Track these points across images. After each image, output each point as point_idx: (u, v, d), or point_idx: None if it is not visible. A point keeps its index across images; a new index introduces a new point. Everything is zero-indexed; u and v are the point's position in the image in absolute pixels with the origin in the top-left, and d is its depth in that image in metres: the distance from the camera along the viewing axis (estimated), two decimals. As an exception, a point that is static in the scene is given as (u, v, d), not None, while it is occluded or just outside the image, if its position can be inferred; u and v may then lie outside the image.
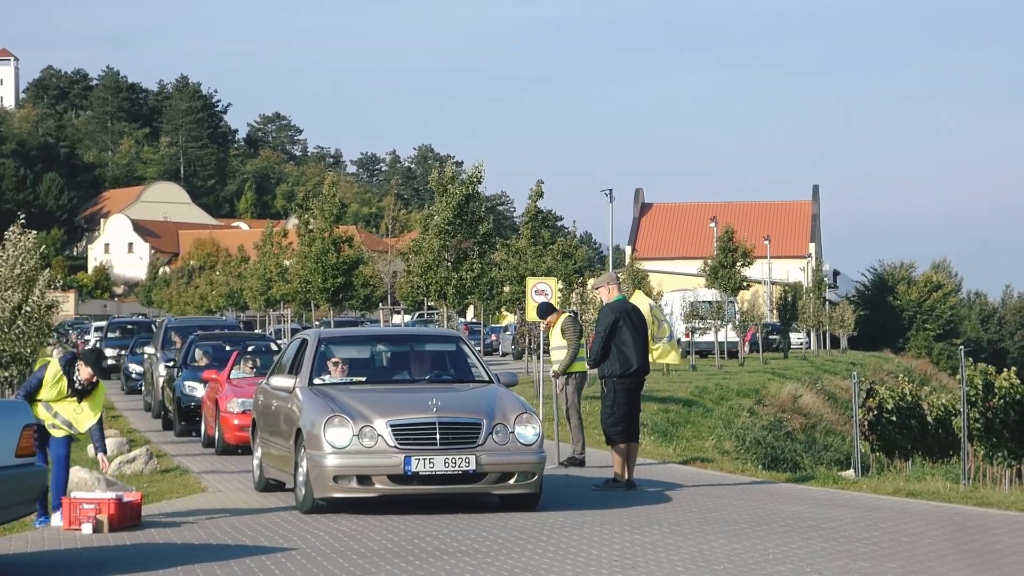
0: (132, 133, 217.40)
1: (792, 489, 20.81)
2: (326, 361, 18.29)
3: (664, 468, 23.56)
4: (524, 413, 16.77)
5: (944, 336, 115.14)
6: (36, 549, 14.75)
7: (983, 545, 14.00)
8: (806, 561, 12.83)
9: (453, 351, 19.04)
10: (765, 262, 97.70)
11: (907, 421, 34.80)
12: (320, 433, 16.13)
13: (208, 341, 35.22)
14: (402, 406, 16.63)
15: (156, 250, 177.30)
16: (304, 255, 66.82)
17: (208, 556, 13.68)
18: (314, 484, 16.23)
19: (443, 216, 46.84)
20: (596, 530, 15.21)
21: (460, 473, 16.06)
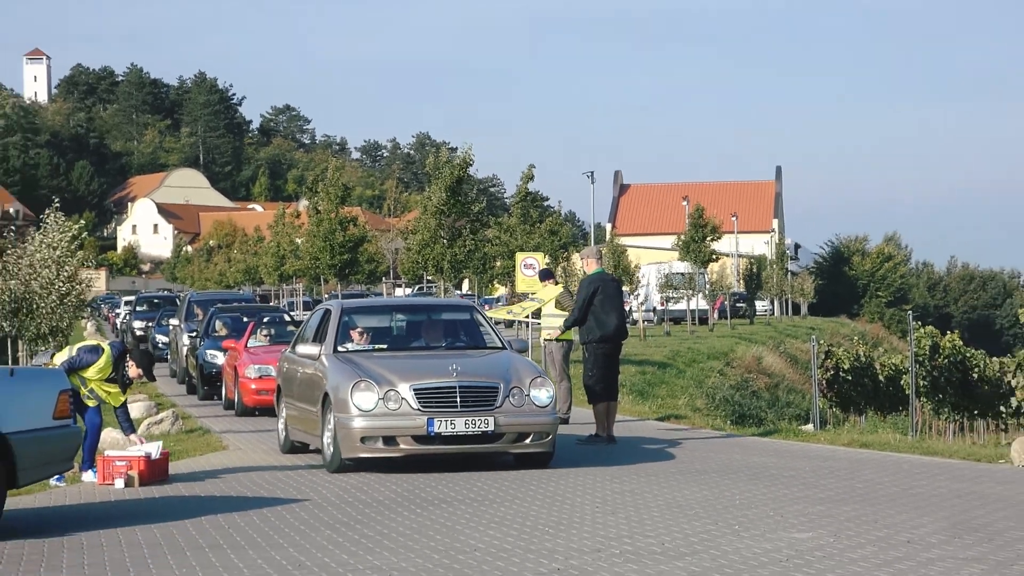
0: (155, 124, 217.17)
1: (757, 442, 20.88)
2: (349, 330, 17.89)
3: (642, 424, 23.64)
4: (538, 377, 16.45)
5: (895, 303, 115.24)
6: (73, 502, 14.81)
7: (928, 490, 14.07)
8: (769, 506, 12.90)
9: (467, 320, 18.67)
10: (732, 237, 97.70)
11: (861, 380, 34.90)
12: (347, 397, 15.80)
13: (227, 313, 35.26)
14: (424, 371, 16.22)
15: (179, 231, 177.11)
16: (313, 234, 66.82)
17: (229, 507, 13.74)
18: (342, 445, 15.88)
19: (437, 197, 46.87)
20: (580, 480, 15.27)
21: (480, 433, 15.76)
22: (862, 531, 11.26)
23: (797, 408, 40.69)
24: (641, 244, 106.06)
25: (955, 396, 30.27)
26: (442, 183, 46.91)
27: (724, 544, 10.72)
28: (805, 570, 9.49)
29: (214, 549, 11.15)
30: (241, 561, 10.52)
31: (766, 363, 58.79)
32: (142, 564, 10.53)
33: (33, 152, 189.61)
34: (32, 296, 26.32)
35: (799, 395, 47.71)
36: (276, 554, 10.80)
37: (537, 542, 11.05)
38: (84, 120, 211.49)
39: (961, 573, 9.27)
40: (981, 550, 10.23)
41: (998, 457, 17.18)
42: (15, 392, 12.53)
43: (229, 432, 22.70)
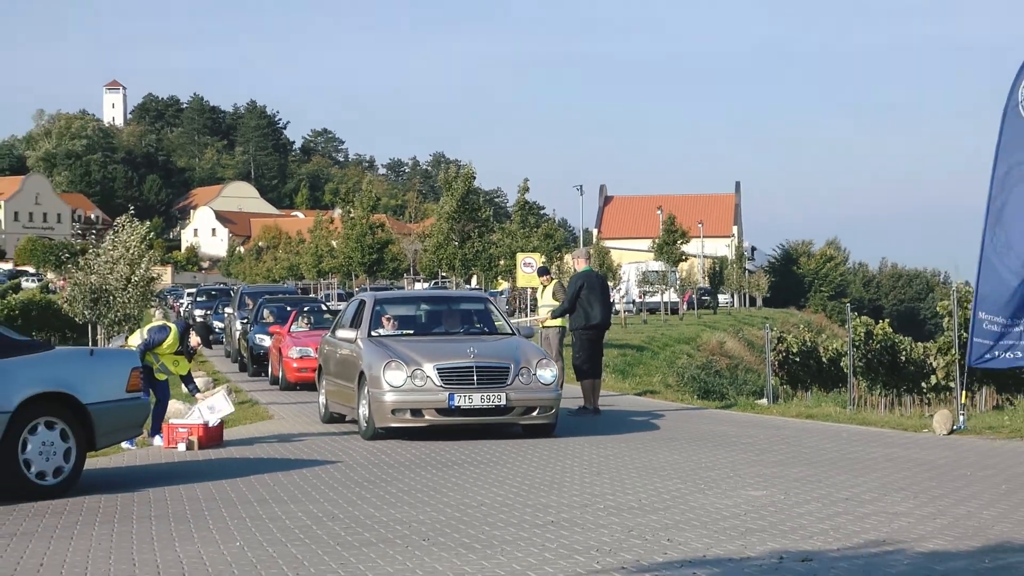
0: (213, 144, 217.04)
1: (719, 414, 20.84)
2: (380, 318, 17.75)
3: (622, 398, 23.60)
4: (544, 359, 16.34)
5: (835, 296, 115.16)
6: (142, 463, 14.78)
7: (863, 455, 14.02)
8: (729, 468, 12.85)
9: (482, 309, 18.52)
10: (699, 241, 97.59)
11: (807, 361, 34.83)
12: (380, 374, 15.76)
13: (273, 303, 35.20)
14: (445, 353, 16.14)
15: (233, 234, 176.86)
16: (347, 237, 66.84)
17: (274, 468, 13.70)
18: (375, 416, 15.86)
19: (449, 206, 46.88)
20: (570, 445, 15.23)
21: (493, 407, 15.70)
22: (808, 489, 11.21)
23: (753, 385, 40.64)
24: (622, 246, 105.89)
25: (886, 375, 30.22)
26: (453, 194, 46.91)
27: (691, 500, 10.67)
28: (759, 522, 9.44)
29: (260, 503, 11.11)
30: (283, 512, 10.47)
31: (727, 347, 58.73)
32: (199, 515, 10.48)
33: (111, 168, 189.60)
34: (109, 288, 26.28)
35: (755, 374, 47.67)
36: (313, 507, 10.75)
37: (534, 498, 11.00)
38: (154, 141, 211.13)
39: (891, 525, 9.22)
40: (908, 506, 10.18)
41: (922, 427, 17.12)
42: (94, 369, 12.56)
43: (273, 404, 22.65)
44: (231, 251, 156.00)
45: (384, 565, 8.08)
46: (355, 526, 9.69)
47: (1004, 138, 16.39)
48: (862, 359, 29.07)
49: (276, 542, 9.07)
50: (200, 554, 8.69)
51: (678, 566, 7.80)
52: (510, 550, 8.52)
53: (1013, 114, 16.43)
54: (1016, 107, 16.41)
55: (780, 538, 8.75)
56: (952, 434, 16.13)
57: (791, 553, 8.14)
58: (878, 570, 7.55)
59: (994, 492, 10.91)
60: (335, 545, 8.87)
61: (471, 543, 8.82)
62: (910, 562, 7.79)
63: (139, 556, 8.67)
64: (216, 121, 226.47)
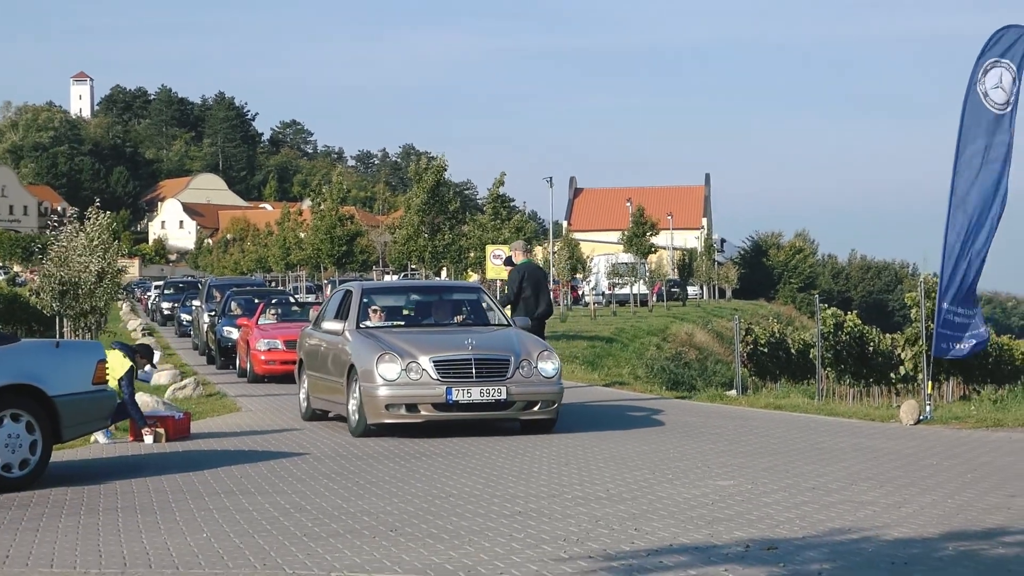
0: (181, 136, 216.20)
1: (688, 404, 20.90)
2: (367, 309, 16.89)
3: (591, 389, 23.63)
4: (545, 351, 15.63)
5: (804, 288, 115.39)
6: (109, 455, 14.74)
7: (831, 445, 14.11)
8: (698, 458, 12.90)
9: (475, 300, 17.70)
10: (668, 233, 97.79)
11: (776, 352, 35.00)
12: (372, 368, 14.97)
13: (241, 296, 35.18)
14: (441, 345, 15.34)
15: (201, 226, 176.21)
16: (317, 228, 66.77)
17: (241, 459, 13.69)
18: (367, 412, 15.06)
19: (420, 198, 46.86)
20: (537, 436, 15.23)
21: (493, 402, 14.97)
22: (775, 479, 11.27)
23: (722, 376, 40.74)
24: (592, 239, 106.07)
25: (854, 366, 30.40)
26: (424, 186, 46.89)
27: (659, 490, 10.71)
28: (727, 512, 9.49)
29: (227, 495, 11.10)
30: (250, 504, 10.47)
31: (696, 339, 58.87)
32: (166, 507, 10.47)
33: (78, 160, 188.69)
34: (77, 281, 26.18)
35: (724, 365, 47.79)
36: (280, 499, 10.75)
37: (502, 488, 11.02)
38: (121, 132, 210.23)
39: (857, 514, 9.28)
40: (874, 495, 10.25)
41: (889, 417, 17.23)
42: (60, 361, 12.50)
43: (242, 396, 22.61)
44: (199, 243, 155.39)
45: (351, 556, 8.09)
46: (323, 517, 9.70)
47: (965, 125, 16.53)
48: (831, 350, 29.22)
49: (243, 533, 9.07)
50: (167, 545, 8.68)
51: (645, 555, 7.84)
52: (478, 540, 8.54)
53: (973, 100, 16.55)
54: (976, 93, 16.55)
55: (747, 527, 8.80)
56: (919, 424, 16.24)
57: (757, 541, 8.20)
58: (843, 557, 7.61)
59: (959, 481, 10.99)
60: (302, 536, 8.88)
61: (439, 533, 8.84)
62: (875, 549, 7.85)
63: (105, 548, 8.66)
64: (184, 113, 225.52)
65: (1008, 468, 11.87)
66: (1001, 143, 16.57)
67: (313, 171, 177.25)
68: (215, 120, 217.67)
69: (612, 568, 7.43)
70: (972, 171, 16.51)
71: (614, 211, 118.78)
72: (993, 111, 16.57)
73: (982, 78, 16.56)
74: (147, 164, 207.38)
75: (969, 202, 16.53)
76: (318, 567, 7.75)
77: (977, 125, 16.50)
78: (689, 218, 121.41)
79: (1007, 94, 16.59)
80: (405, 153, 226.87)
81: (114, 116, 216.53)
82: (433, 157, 49.14)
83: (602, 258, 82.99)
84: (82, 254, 25.87)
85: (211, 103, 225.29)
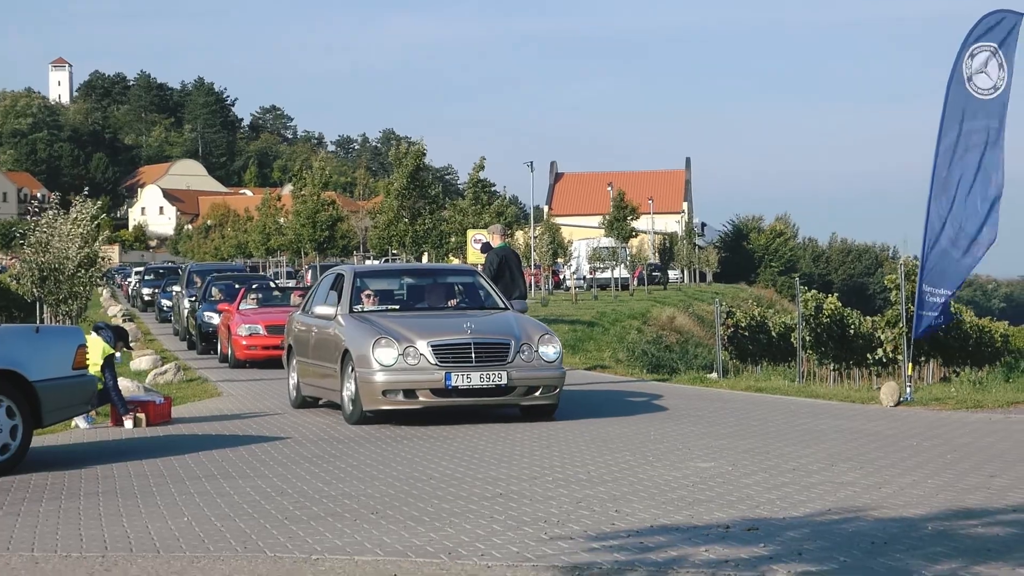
0: (161, 122, 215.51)
1: (669, 387, 20.93)
2: (359, 293, 16.41)
3: (572, 373, 23.59)
4: (546, 335, 15.19)
5: (785, 271, 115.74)
6: (90, 440, 14.71)
7: (812, 426, 14.15)
8: (679, 440, 12.92)
9: (471, 283, 17.20)
10: (649, 217, 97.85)
11: (757, 335, 35.02)
12: (369, 353, 14.54)
13: (221, 281, 35.14)
14: (439, 329, 14.88)
15: (181, 212, 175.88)
16: (299, 213, 66.67)
17: (222, 444, 13.67)
18: (363, 398, 14.64)
19: (399, 182, 46.84)
20: (519, 419, 15.23)
21: (494, 387, 14.53)
22: (756, 461, 11.30)
23: (703, 359, 40.80)
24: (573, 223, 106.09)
25: (835, 348, 30.45)
26: (403, 170, 46.83)
27: (640, 472, 10.73)
28: (707, 493, 9.51)
29: (209, 479, 11.08)
30: (231, 488, 10.45)
31: (677, 322, 58.96)
32: (147, 491, 10.45)
33: (57, 146, 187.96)
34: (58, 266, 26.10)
35: (705, 348, 47.88)
36: (261, 483, 10.74)
37: (483, 471, 11.03)
38: (100, 118, 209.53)
39: (838, 495, 9.31)
40: (854, 475, 10.28)
41: (870, 399, 17.29)
42: (40, 346, 12.46)
43: (223, 381, 22.58)
44: (179, 229, 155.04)
45: (333, 538, 8.09)
46: (304, 501, 9.69)
47: (948, 109, 16.55)
48: (811, 333, 29.26)
49: (224, 516, 9.06)
50: (147, 529, 8.67)
51: (625, 536, 7.86)
52: (459, 522, 8.55)
53: (957, 85, 16.58)
54: (960, 78, 16.57)
55: (728, 508, 8.82)
56: (899, 406, 16.29)
57: (738, 522, 8.21)
58: (823, 537, 7.63)
59: (939, 462, 11.03)
60: (283, 519, 8.87)
61: (420, 516, 8.84)
62: (855, 529, 7.88)
63: (86, 532, 8.64)
64: (163, 98, 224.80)
65: (987, 449, 11.91)
66: (983, 128, 16.58)
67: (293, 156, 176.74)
68: (195, 106, 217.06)
69: (593, 549, 7.44)
70: (955, 155, 16.54)
71: (595, 196, 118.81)
72: (977, 96, 16.58)
73: (968, 62, 16.57)
74: (127, 150, 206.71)
75: (951, 185, 16.56)
76: (299, 550, 7.74)
77: (960, 109, 16.53)
78: (670, 202, 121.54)
79: (993, 80, 16.60)
80: (385, 138, 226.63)
81: (93, 102, 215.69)
82: (413, 142, 49.10)
83: (583, 242, 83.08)
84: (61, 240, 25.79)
85: (191, 89, 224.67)
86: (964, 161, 16.52)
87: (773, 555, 7.12)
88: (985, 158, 16.60)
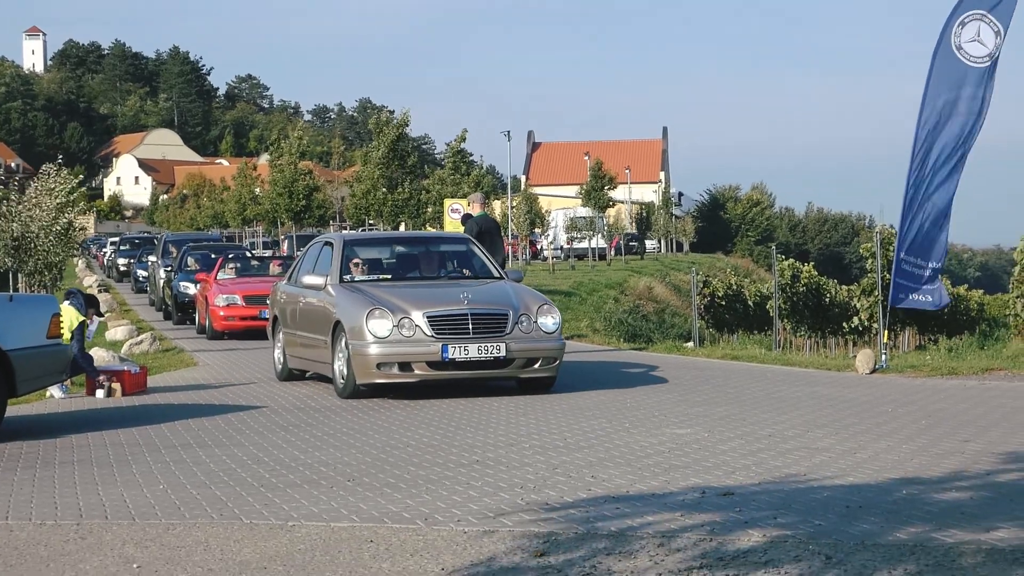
0: (136, 91, 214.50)
1: (646, 356, 20.98)
2: (348, 262, 15.83)
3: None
4: (545, 305, 14.73)
5: (762, 241, 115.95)
6: (65, 410, 14.68)
7: (788, 394, 14.19)
8: (655, 408, 12.95)
9: (464, 251, 16.66)
10: (626, 187, 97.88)
11: (733, 304, 35.13)
12: (362, 324, 13.98)
13: (197, 251, 35.05)
14: (435, 299, 14.36)
15: (156, 182, 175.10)
16: (275, 183, 66.53)
17: (198, 413, 13.66)
18: (357, 372, 14.07)
19: (380, 151, 46.74)
20: (495, 387, 15.25)
21: (492, 359, 14.03)
22: (731, 427, 11.33)
23: (680, 328, 40.93)
24: (551, 193, 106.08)
25: (811, 317, 30.57)
26: (384, 139, 46.75)
27: (616, 439, 10.75)
28: (683, 459, 9.54)
29: (184, 447, 11.07)
30: (207, 456, 10.45)
31: (654, 292, 59.09)
32: (123, 460, 10.44)
33: (31, 115, 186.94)
34: (32, 236, 26.01)
35: (682, 318, 48.00)
36: (237, 451, 10.73)
37: (460, 439, 11.04)
38: (75, 88, 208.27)
39: (813, 460, 9.34)
40: (829, 441, 10.32)
41: (846, 367, 17.35)
42: (14, 315, 12.41)
43: (199, 351, 22.54)
44: (154, 199, 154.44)
45: (309, 505, 8.09)
46: (280, 468, 9.69)
47: (933, 78, 16.53)
48: (788, 302, 29.36)
49: (200, 484, 9.05)
50: (123, 497, 8.65)
51: (602, 502, 7.87)
52: (435, 489, 8.55)
53: (945, 53, 16.55)
54: (948, 46, 16.54)
55: (703, 474, 8.85)
56: (874, 373, 16.36)
57: (713, 488, 8.24)
58: (797, 502, 7.66)
59: (914, 427, 11.09)
60: (259, 487, 8.87)
61: (396, 483, 8.84)
62: (829, 494, 7.91)
63: (61, 500, 8.62)
64: (138, 67, 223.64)
65: (962, 414, 11.98)
66: (973, 96, 16.57)
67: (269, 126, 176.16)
68: (170, 75, 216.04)
69: (569, 515, 7.46)
70: (939, 122, 16.53)
71: (572, 165, 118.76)
72: (967, 63, 16.55)
73: (958, 30, 16.52)
74: (101, 119, 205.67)
75: (932, 153, 16.57)
76: (275, 516, 7.74)
77: (945, 79, 16.50)
78: (647, 172, 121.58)
79: (987, 48, 16.56)
80: (362, 107, 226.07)
81: (67, 71, 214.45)
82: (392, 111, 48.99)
83: (560, 212, 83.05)
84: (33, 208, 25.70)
85: (166, 58, 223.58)
86: (948, 128, 16.51)
87: (748, 520, 7.15)
88: (969, 127, 16.60)
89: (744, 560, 6.36)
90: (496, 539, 6.97)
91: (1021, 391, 13.97)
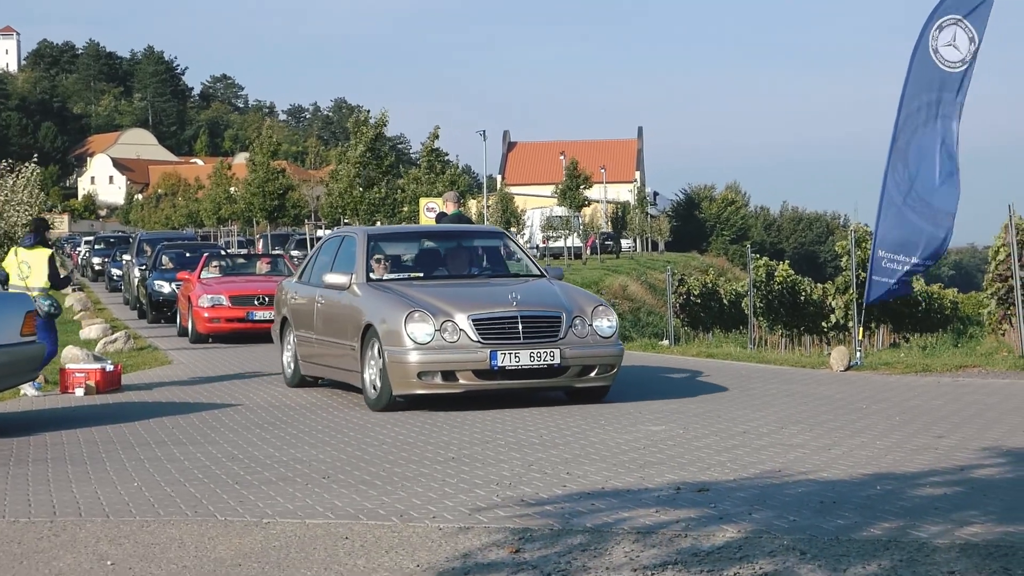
0: (110, 91, 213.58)
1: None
2: (371, 259, 14.29)
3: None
4: (600, 306, 13.31)
5: (737, 240, 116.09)
6: (39, 407, 14.60)
7: (762, 391, 14.22)
8: (630, 405, 12.94)
9: (500, 246, 15.24)
10: (602, 186, 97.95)
11: (708, 303, 35.20)
12: (400, 328, 12.54)
13: (172, 250, 34.93)
14: (479, 300, 12.93)
15: (131, 181, 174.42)
16: (249, 182, 66.41)
17: (173, 411, 13.61)
18: (393, 381, 12.62)
19: (357, 150, 46.71)
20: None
21: (545, 367, 12.63)
22: (706, 424, 11.35)
23: (655, 327, 41.02)
24: (526, 192, 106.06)
25: (786, 315, 30.64)
26: (361, 138, 46.72)
27: (592, 436, 10.75)
28: (658, 456, 9.54)
29: (159, 445, 11.03)
30: (182, 454, 10.41)
31: (630, 290, 59.18)
32: (97, 457, 10.39)
33: (5, 115, 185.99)
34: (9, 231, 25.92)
35: (657, 316, 48.09)
36: (212, 448, 10.69)
37: (436, 436, 11.02)
38: (49, 87, 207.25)
39: (787, 456, 9.36)
40: (804, 438, 10.35)
41: (820, 364, 17.39)
42: (-14, 314, 12.33)
43: (174, 349, 22.45)
44: (129, 199, 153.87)
45: (284, 502, 8.06)
46: (255, 466, 9.66)
47: (912, 78, 16.57)
48: (763, 300, 29.42)
49: (174, 482, 9.02)
50: (97, 494, 8.61)
51: (577, 498, 7.87)
52: (410, 485, 8.54)
53: (923, 55, 16.58)
54: (927, 48, 16.57)
55: (678, 470, 8.85)
56: (849, 370, 16.40)
57: (688, 484, 8.25)
58: (771, 497, 7.67)
59: (888, 424, 11.12)
60: (234, 484, 8.84)
61: (371, 480, 8.82)
62: (804, 489, 7.93)
63: (35, 498, 8.58)
64: (112, 67, 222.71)
65: (936, 411, 12.02)
66: (948, 101, 16.61)
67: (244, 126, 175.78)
68: (144, 74, 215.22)
69: (545, 512, 7.45)
70: (916, 125, 16.57)
71: (548, 165, 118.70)
72: (943, 68, 16.60)
73: (936, 34, 16.56)
74: (75, 119, 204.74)
75: (910, 154, 16.61)
76: (250, 513, 7.72)
77: (923, 80, 16.54)
78: (622, 171, 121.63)
79: (962, 53, 16.61)
80: (337, 107, 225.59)
81: (41, 71, 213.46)
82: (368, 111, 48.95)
83: (536, 212, 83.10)
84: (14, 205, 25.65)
85: (140, 58, 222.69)
86: (926, 131, 16.55)
87: (723, 515, 7.16)
88: (946, 129, 16.64)
89: (719, 555, 6.36)
90: (471, 536, 6.96)
91: (994, 388, 14.03)
